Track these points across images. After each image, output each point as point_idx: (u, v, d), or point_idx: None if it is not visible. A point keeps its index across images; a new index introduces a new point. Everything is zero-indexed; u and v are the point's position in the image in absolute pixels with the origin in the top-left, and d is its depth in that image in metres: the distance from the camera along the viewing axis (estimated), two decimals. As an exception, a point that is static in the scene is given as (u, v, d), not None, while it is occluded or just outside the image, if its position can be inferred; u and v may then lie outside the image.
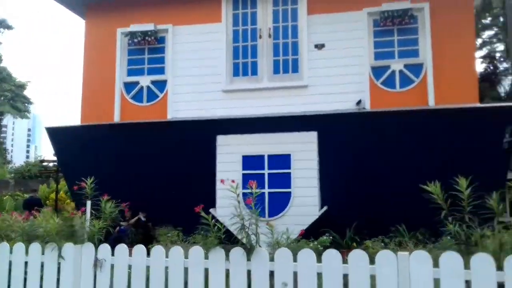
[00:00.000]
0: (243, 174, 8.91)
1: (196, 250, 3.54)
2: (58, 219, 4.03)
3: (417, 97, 8.70)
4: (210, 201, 8.84)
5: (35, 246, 4.03)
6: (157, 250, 3.62)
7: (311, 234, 7.17)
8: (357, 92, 8.90)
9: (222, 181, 5.46)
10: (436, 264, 3.06)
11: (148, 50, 10.02)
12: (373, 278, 3.13)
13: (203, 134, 9.16)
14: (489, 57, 28.43)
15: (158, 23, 9.87)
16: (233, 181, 4.37)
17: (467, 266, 3.01)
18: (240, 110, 9.28)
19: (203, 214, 3.83)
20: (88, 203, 4.09)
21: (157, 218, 8.66)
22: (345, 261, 3.27)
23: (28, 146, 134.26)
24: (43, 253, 4.00)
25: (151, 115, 9.65)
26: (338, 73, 9.05)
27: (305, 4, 9.40)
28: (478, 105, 8.50)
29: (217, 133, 9.23)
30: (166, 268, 3.51)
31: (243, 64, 9.63)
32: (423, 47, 8.89)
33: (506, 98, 23.45)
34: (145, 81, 9.89)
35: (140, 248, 3.65)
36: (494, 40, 27.38)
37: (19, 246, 4.10)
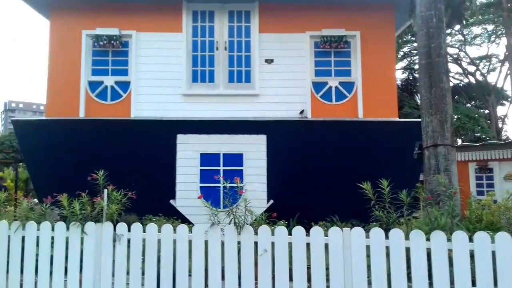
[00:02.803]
0: (201, 170, 10.12)
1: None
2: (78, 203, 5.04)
3: (349, 110, 10.46)
4: (172, 192, 9.98)
5: (60, 224, 5.02)
6: (155, 227, 4.83)
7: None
8: (301, 102, 10.49)
9: (215, 177, 6.60)
10: (367, 237, 4.59)
11: (112, 53, 10.84)
12: (326, 245, 4.61)
13: (165, 132, 10.21)
14: (409, 69, 31.84)
15: (123, 28, 10.74)
16: (216, 176, 5.68)
17: (387, 237, 4.57)
18: (199, 113, 10.47)
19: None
20: (105, 191, 5.14)
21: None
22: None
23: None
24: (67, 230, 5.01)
25: (114, 113, 10.51)
26: (285, 85, 10.57)
27: (257, 23, 10.80)
28: (396, 119, 10.46)
29: (178, 133, 10.33)
30: (174, 241, 4.75)
31: (201, 71, 10.81)
32: (355, 68, 10.65)
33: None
34: (108, 81, 10.69)
35: (152, 226, 4.84)
36: (414, 52, 30.69)
37: (46, 224, 5.06)
